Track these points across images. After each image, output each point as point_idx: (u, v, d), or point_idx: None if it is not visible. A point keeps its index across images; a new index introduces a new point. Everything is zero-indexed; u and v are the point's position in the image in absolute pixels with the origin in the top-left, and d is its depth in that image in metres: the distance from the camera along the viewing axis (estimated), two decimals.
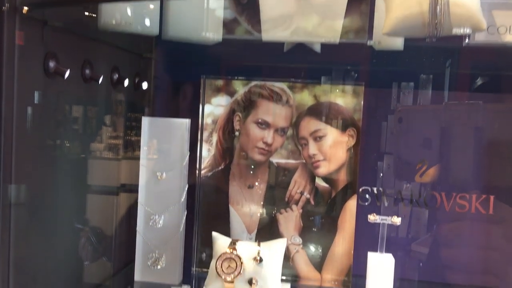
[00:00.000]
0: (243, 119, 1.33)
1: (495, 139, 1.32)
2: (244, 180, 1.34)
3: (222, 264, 1.06)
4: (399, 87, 1.37)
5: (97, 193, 1.21)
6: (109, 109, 1.24)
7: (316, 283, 1.30)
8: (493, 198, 1.31)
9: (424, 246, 1.36)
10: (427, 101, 1.36)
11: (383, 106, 1.36)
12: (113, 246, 1.28)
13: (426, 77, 1.35)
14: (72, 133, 1.08)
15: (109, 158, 1.28)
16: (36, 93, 0.91)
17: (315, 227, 1.31)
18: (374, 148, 1.36)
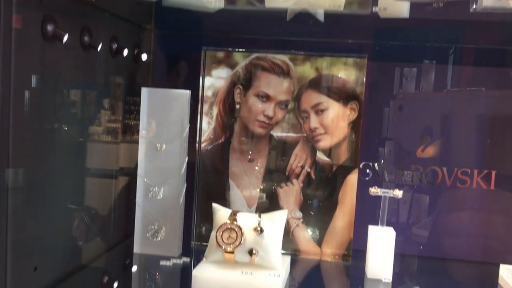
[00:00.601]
0: (244, 92, 1.31)
1: (497, 116, 1.30)
2: (245, 153, 1.33)
3: (223, 234, 1.05)
4: (402, 73, 1.35)
5: (95, 172, 1.20)
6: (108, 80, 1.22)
7: (316, 257, 1.30)
8: (495, 173, 1.30)
9: (425, 224, 1.35)
10: (430, 87, 1.34)
11: (386, 79, 1.35)
12: (112, 219, 1.27)
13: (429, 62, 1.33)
14: (71, 105, 1.06)
15: (108, 141, 1.27)
16: (34, 61, 0.89)
17: (315, 201, 1.30)
18: (376, 122, 1.35)
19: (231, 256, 1.04)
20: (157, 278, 1.11)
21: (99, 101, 1.18)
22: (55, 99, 0.99)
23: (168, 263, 1.18)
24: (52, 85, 0.97)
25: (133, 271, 1.17)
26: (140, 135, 1.23)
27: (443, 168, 1.33)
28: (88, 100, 1.13)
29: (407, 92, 1.34)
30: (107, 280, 1.09)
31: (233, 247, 1.03)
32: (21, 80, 0.86)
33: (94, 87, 1.16)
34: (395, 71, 1.35)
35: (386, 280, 1.14)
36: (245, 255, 1.05)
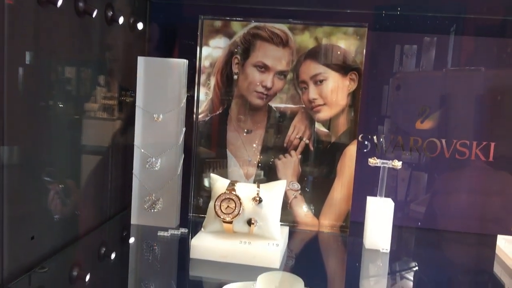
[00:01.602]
0: (242, 62, 1.29)
1: (496, 88, 1.29)
2: (243, 124, 1.31)
3: (221, 204, 1.04)
4: (402, 50, 1.33)
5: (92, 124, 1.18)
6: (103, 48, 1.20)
7: (314, 228, 1.30)
8: (494, 145, 1.30)
9: (424, 198, 1.35)
10: (430, 64, 1.32)
11: (386, 49, 1.33)
12: (109, 190, 1.26)
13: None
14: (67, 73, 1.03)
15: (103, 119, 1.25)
16: (28, 25, 0.87)
17: (313, 172, 1.30)
18: (376, 93, 1.33)
19: (230, 226, 1.04)
20: (155, 249, 1.10)
21: (94, 73, 1.16)
22: (50, 68, 0.96)
23: (166, 234, 1.17)
24: (47, 55, 0.95)
25: (131, 242, 1.16)
26: (136, 105, 1.21)
27: (442, 140, 1.32)
28: (83, 73, 1.10)
29: (405, 71, 1.32)
30: (103, 251, 1.08)
31: (232, 217, 1.03)
32: (16, 55, 0.84)
33: (89, 55, 1.13)
34: (395, 48, 1.33)
35: (384, 250, 1.14)
36: (243, 225, 1.05)
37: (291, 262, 1.08)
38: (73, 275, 0.94)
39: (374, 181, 1.19)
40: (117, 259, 1.06)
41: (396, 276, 1.06)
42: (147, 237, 1.18)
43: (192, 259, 1.04)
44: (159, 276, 0.98)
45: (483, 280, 1.11)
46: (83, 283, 0.91)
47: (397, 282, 1.03)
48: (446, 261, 1.19)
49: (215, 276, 1.02)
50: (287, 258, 1.09)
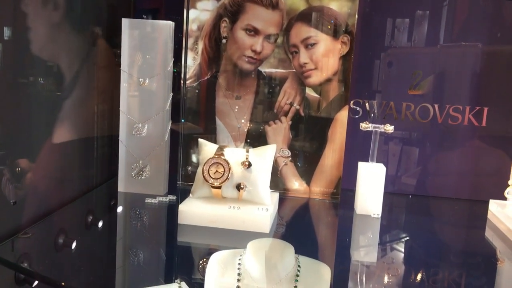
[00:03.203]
0: (231, 25, 1.25)
1: (489, 54, 1.27)
2: (232, 90, 1.28)
3: (209, 169, 1.02)
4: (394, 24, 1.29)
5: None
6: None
7: (305, 195, 1.28)
8: (487, 110, 1.28)
9: (416, 166, 1.34)
10: (422, 38, 1.29)
11: (379, 11, 1.29)
12: (95, 157, 1.23)
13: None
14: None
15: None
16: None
17: (304, 139, 1.27)
18: (367, 55, 1.30)
19: (218, 191, 1.02)
20: (143, 216, 1.08)
21: (77, 37, 1.11)
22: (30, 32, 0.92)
23: (153, 201, 1.15)
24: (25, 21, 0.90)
25: (118, 210, 1.14)
26: (122, 69, 1.17)
27: (434, 105, 1.30)
28: (64, 37, 1.06)
29: (396, 47, 1.29)
30: (90, 219, 1.06)
31: (220, 182, 1.00)
32: None
33: (71, 18, 1.08)
34: (389, 10, 1.29)
35: (375, 215, 1.13)
36: (233, 190, 1.03)
37: (281, 229, 1.07)
38: (57, 241, 0.91)
39: (366, 147, 1.17)
40: (104, 227, 1.04)
41: (387, 241, 1.04)
42: (134, 204, 1.16)
43: (181, 225, 1.01)
44: (146, 242, 0.96)
45: (475, 244, 1.10)
46: (68, 250, 0.89)
47: (388, 247, 1.02)
48: (438, 226, 1.18)
49: (204, 241, 1.00)
50: (277, 225, 1.08)
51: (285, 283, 0.70)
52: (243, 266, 0.74)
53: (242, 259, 0.75)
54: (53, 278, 0.77)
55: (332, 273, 0.76)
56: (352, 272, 0.89)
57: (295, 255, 0.74)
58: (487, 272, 0.93)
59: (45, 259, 0.86)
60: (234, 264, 0.76)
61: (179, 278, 0.75)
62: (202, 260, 0.90)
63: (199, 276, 0.84)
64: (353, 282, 0.84)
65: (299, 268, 0.73)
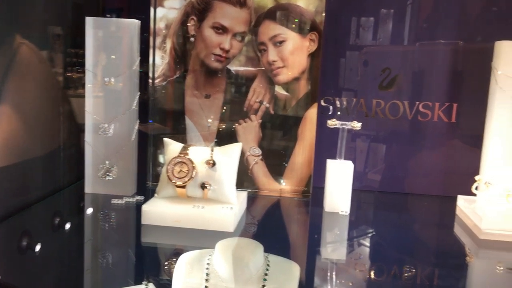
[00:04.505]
0: (198, 24, 1.24)
1: (459, 49, 1.27)
2: (201, 89, 1.27)
3: (174, 168, 1.01)
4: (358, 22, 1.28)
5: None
6: None
7: (276, 194, 1.27)
8: (456, 106, 1.28)
9: (384, 162, 1.34)
10: (387, 37, 1.28)
11: (347, 7, 1.29)
12: (62, 159, 1.21)
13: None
14: None
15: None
16: None
17: (274, 137, 1.27)
18: (336, 53, 1.30)
19: (183, 190, 1.01)
20: (107, 216, 1.07)
21: (40, 35, 1.09)
22: None
23: (120, 201, 1.13)
24: None
25: (88, 213, 1.12)
26: (86, 68, 1.15)
27: (404, 102, 1.30)
28: (29, 34, 1.04)
29: (369, 45, 1.29)
30: (55, 221, 1.04)
31: (184, 181, 0.99)
32: None
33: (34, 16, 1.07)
34: (356, 7, 1.29)
35: (343, 212, 1.12)
36: (197, 189, 1.02)
37: (251, 228, 1.06)
38: (20, 244, 0.90)
39: (337, 143, 1.16)
40: (67, 229, 1.02)
41: (355, 238, 1.04)
42: (99, 205, 1.14)
43: (145, 225, 1.00)
44: (111, 244, 0.94)
45: (442, 240, 1.10)
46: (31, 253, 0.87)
47: (355, 244, 1.01)
48: (406, 223, 1.18)
49: (169, 242, 0.99)
50: (247, 224, 1.07)
51: (254, 282, 0.69)
52: (211, 266, 0.73)
53: (211, 259, 0.74)
54: (14, 284, 0.75)
55: (302, 271, 0.75)
56: (320, 269, 0.89)
57: (265, 254, 0.73)
58: (453, 268, 0.93)
59: (7, 262, 0.84)
60: (202, 264, 0.75)
61: (147, 279, 0.74)
62: (168, 261, 0.89)
63: (166, 276, 0.82)
64: (321, 279, 0.84)
65: (268, 267, 0.72)
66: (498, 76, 1.12)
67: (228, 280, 0.70)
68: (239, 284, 0.69)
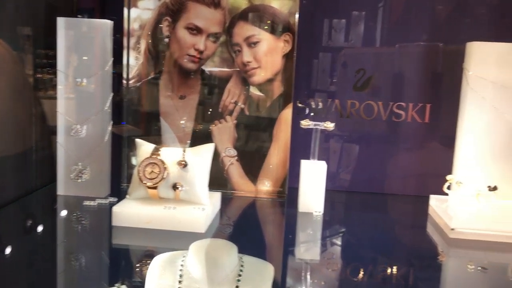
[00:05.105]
0: (173, 24, 1.24)
1: (432, 51, 1.28)
2: (176, 90, 1.26)
3: (145, 169, 1.00)
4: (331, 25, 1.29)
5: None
6: None
7: (251, 194, 1.27)
8: (430, 106, 1.29)
9: (357, 162, 1.34)
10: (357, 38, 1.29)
11: (321, 8, 1.29)
12: (34, 161, 1.20)
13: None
14: None
15: None
16: None
17: (249, 138, 1.26)
18: (310, 54, 1.30)
19: (155, 191, 1.00)
20: (78, 218, 1.06)
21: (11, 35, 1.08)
22: None
23: (92, 203, 1.12)
24: None
25: (62, 215, 1.10)
26: (58, 69, 1.14)
27: (378, 102, 1.30)
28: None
29: (348, 47, 1.29)
30: (23, 223, 1.03)
31: (155, 182, 0.99)
32: None
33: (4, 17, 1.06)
34: (330, 8, 1.30)
35: (316, 213, 1.13)
36: (170, 190, 1.01)
37: (224, 229, 1.06)
38: None
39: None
40: (37, 231, 1.01)
41: (328, 238, 1.04)
42: (71, 207, 1.13)
43: (116, 227, 0.99)
44: (82, 246, 0.93)
45: (415, 240, 1.11)
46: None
47: (328, 244, 1.02)
48: (380, 223, 1.18)
49: (140, 243, 0.99)
50: (221, 225, 1.07)
51: (227, 283, 0.69)
52: (185, 267, 0.72)
53: (185, 260, 0.73)
54: None
55: (277, 272, 0.75)
56: (293, 269, 0.89)
57: (239, 254, 0.73)
58: (422, 267, 0.93)
59: None
60: (176, 266, 0.74)
61: (120, 282, 0.74)
62: (140, 262, 0.89)
63: (138, 278, 0.82)
64: (294, 279, 0.84)
65: (242, 268, 0.71)
66: (469, 77, 1.13)
67: (202, 281, 0.70)
68: (212, 285, 0.69)
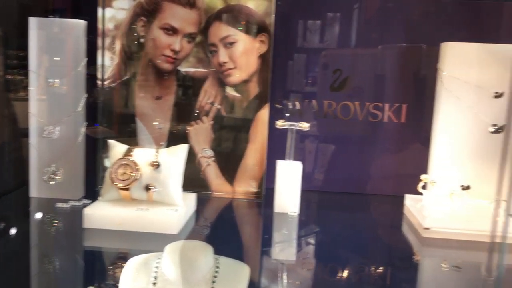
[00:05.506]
0: (148, 25, 1.23)
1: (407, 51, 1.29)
2: (151, 91, 1.25)
3: (117, 171, 0.99)
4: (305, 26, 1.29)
5: None
6: None
7: (228, 196, 1.26)
8: (406, 107, 1.30)
9: (335, 162, 1.34)
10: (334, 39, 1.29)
11: (297, 8, 1.29)
12: (6, 163, 1.18)
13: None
14: None
15: None
16: None
17: (226, 138, 1.26)
18: (286, 54, 1.30)
19: (127, 193, 0.99)
20: (50, 221, 1.04)
21: None
22: None
23: (65, 205, 1.11)
24: None
25: (36, 217, 1.08)
26: (30, 69, 1.12)
27: (355, 103, 1.31)
28: None
29: (328, 48, 1.29)
30: None
31: (127, 183, 0.98)
32: None
33: None
34: (306, 9, 1.30)
35: (292, 213, 1.12)
36: (142, 192, 1.00)
37: (200, 230, 1.05)
38: None
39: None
40: (6, 234, 0.99)
41: (303, 239, 1.04)
42: (43, 210, 1.11)
43: (88, 229, 0.98)
44: (50, 249, 0.92)
45: (389, 239, 1.11)
46: None
47: (303, 245, 1.02)
48: (355, 222, 1.19)
49: (113, 245, 0.97)
50: (196, 226, 1.06)
51: (202, 285, 0.68)
52: (160, 269, 0.72)
53: (160, 262, 0.73)
54: None
55: (251, 272, 0.75)
56: (267, 269, 0.88)
57: (215, 256, 0.72)
58: (396, 266, 0.94)
59: None
60: (150, 268, 0.74)
61: (93, 285, 0.73)
62: (113, 265, 0.88)
63: (112, 281, 0.81)
64: (269, 280, 0.84)
65: (217, 269, 0.71)
66: (443, 77, 1.14)
67: (176, 283, 0.69)
68: (188, 287, 0.68)
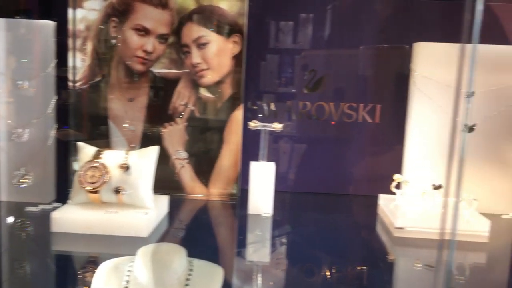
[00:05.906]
0: (120, 25, 1.21)
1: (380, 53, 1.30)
2: (124, 92, 1.24)
3: (86, 173, 0.98)
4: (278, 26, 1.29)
5: None
6: None
7: (203, 197, 1.26)
8: (380, 107, 1.30)
9: (309, 162, 1.34)
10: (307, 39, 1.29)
11: (269, 9, 1.29)
12: None
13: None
14: None
15: None
16: None
17: (200, 140, 1.25)
18: (260, 55, 1.30)
19: (96, 196, 0.98)
20: (19, 225, 1.02)
21: None
22: None
23: (35, 209, 1.09)
24: None
25: (8, 221, 1.06)
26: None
27: (330, 103, 1.31)
28: None
29: (305, 49, 1.29)
30: None
31: (95, 186, 0.96)
32: None
33: None
34: (280, 9, 1.29)
35: (265, 214, 1.12)
36: (112, 195, 0.99)
37: (173, 233, 1.04)
38: None
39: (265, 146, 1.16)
40: None
41: (276, 240, 1.04)
42: (13, 213, 1.09)
43: (56, 233, 0.96)
44: (20, 254, 0.90)
45: (362, 239, 1.11)
46: None
47: (277, 246, 1.01)
48: (329, 223, 1.19)
49: (81, 249, 0.96)
50: (168, 228, 1.05)
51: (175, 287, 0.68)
52: (132, 273, 0.71)
53: (132, 266, 0.72)
54: None
55: (229, 274, 0.74)
56: (241, 271, 0.88)
57: (189, 258, 0.71)
58: (368, 265, 0.94)
59: None
60: (122, 271, 0.72)
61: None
62: (82, 269, 0.86)
63: (82, 286, 0.80)
64: (242, 281, 0.84)
65: (190, 272, 0.70)
66: (416, 77, 1.15)
67: (149, 287, 0.68)
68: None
